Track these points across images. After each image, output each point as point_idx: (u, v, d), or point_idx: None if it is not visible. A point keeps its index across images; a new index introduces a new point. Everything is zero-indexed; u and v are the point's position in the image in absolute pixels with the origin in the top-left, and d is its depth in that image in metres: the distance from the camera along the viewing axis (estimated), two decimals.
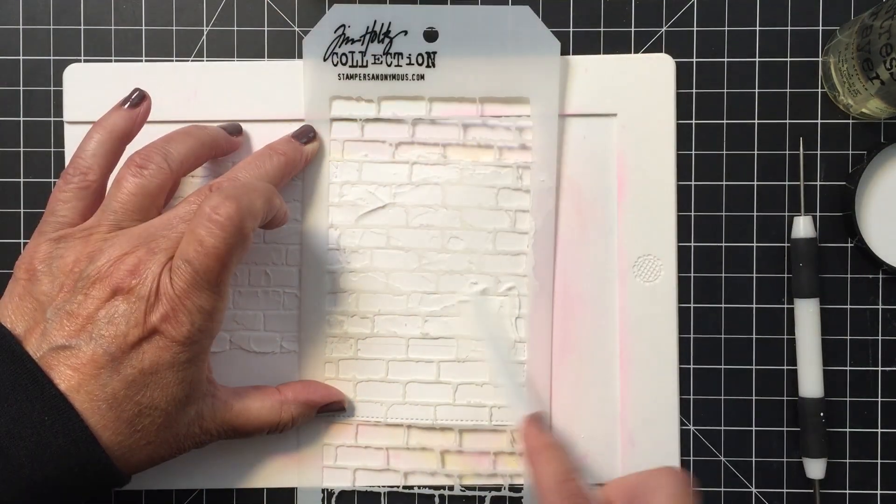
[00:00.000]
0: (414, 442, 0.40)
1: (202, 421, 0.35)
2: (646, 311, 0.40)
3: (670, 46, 0.41)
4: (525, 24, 0.40)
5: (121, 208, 0.34)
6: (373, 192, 0.40)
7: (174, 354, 0.32)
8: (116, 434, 0.32)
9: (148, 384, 0.32)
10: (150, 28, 0.41)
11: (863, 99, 0.39)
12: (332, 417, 0.40)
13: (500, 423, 0.40)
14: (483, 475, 0.40)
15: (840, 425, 0.41)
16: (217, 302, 0.32)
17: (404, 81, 0.40)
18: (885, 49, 0.36)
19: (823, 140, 0.41)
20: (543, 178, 0.40)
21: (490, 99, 0.40)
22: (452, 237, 0.40)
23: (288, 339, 0.40)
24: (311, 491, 0.40)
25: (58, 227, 0.35)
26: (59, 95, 0.41)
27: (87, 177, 0.35)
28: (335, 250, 0.40)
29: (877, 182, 0.40)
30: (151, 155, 0.35)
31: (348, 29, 0.40)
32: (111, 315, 0.32)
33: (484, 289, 0.40)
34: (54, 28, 0.41)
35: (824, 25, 0.41)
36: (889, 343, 0.41)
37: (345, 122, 0.40)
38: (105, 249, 0.33)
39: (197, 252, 0.31)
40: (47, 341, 0.32)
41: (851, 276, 0.41)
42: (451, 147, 0.40)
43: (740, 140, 0.41)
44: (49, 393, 0.31)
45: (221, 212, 0.31)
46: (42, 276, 0.33)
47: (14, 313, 0.33)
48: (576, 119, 0.41)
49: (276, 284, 0.40)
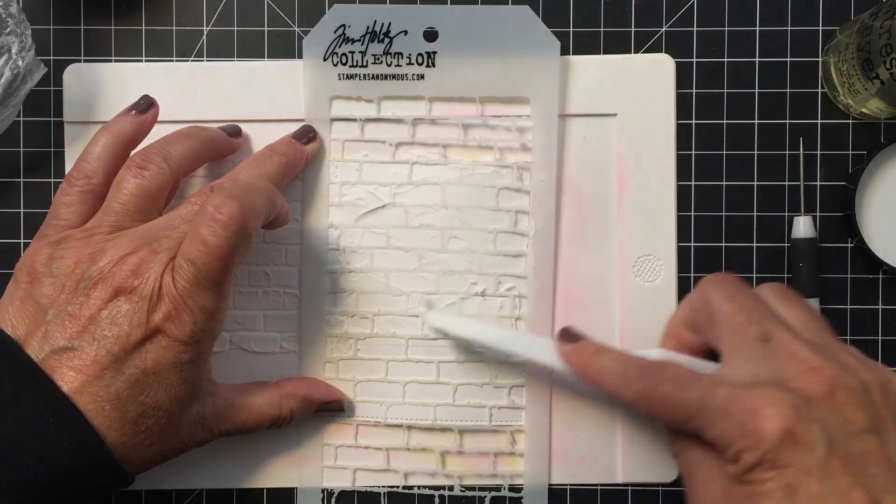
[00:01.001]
0: (414, 442, 0.40)
1: (204, 420, 0.35)
2: (646, 311, 0.40)
3: (670, 46, 0.41)
4: (525, 24, 0.40)
5: (121, 209, 0.34)
6: (373, 192, 0.40)
7: (177, 354, 0.32)
8: (121, 435, 0.31)
9: (151, 384, 0.32)
10: (150, 28, 0.41)
11: (863, 99, 0.39)
12: (332, 417, 0.40)
13: (500, 424, 0.40)
14: (483, 475, 0.40)
15: None
16: (219, 301, 0.32)
17: (404, 81, 0.40)
18: (885, 49, 0.36)
19: (823, 140, 0.41)
20: (543, 179, 0.40)
21: (490, 99, 0.40)
22: (452, 237, 0.40)
23: (288, 339, 0.40)
24: (311, 491, 0.40)
25: (59, 229, 0.35)
26: (59, 95, 0.41)
27: (91, 180, 0.35)
28: (335, 250, 0.40)
29: (877, 182, 0.40)
30: (151, 156, 0.35)
31: (348, 29, 0.40)
32: (114, 315, 0.31)
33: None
34: (54, 28, 0.41)
35: (824, 25, 0.41)
36: (889, 343, 0.41)
37: (345, 122, 0.40)
38: (106, 250, 0.33)
39: (200, 251, 0.31)
40: (49, 343, 0.32)
41: (851, 276, 0.41)
42: (452, 147, 0.40)
43: (740, 140, 0.41)
44: (52, 395, 0.30)
45: (224, 211, 0.31)
46: (43, 278, 0.33)
47: (15, 316, 0.33)
48: (576, 119, 0.40)
49: (276, 284, 0.40)
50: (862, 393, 0.30)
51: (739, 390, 0.30)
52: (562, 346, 0.37)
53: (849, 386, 0.30)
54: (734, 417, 0.30)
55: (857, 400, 0.30)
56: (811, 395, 0.30)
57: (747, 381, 0.31)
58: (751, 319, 0.32)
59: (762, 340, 0.32)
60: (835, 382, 0.30)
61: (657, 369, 0.33)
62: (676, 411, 0.32)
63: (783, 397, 0.30)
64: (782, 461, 0.29)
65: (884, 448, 0.29)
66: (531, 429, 0.40)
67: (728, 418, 0.30)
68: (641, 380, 0.33)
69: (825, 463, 0.29)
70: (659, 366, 0.33)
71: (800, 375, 0.30)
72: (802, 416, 0.29)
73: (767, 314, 0.33)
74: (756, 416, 0.29)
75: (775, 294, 0.34)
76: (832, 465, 0.29)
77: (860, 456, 0.29)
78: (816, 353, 0.31)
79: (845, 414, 0.30)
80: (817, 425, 0.29)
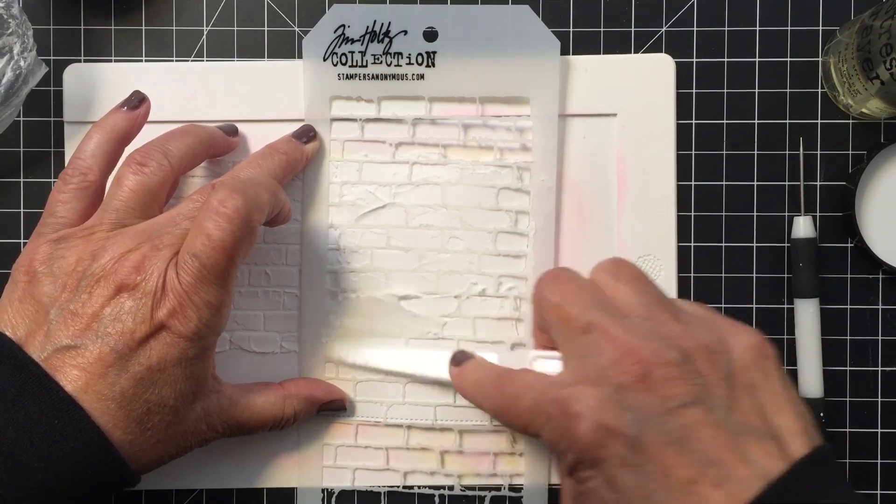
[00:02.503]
0: (414, 442, 0.40)
1: (209, 417, 0.34)
2: None
3: (670, 46, 0.41)
4: (525, 24, 0.40)
5: (122, 206, 0.34)
6: (373, 192, 0.40)
7: (182, 350, 0.32)
8: (127, 433, 0.31)
9: (156, 381, 0.32)
10: (150, 28, 0.41)
11: (863, 99, 0.39)
12: (333, 417, 0.40)
13: (500, 424, 0.40)
14: (483, 475, 0.40)
15: (840, 425, 0.41)
16: (224, 296, 0.32)
17: (404, 81, 0.40)
18: (885, 49, 0.36)
19: (823, 140, 0.41)
20: (544, 179, 0.40)
21: (490, 99, 0.40)
22: (452, 237, 0.40)
23: (288, 339, 0.40)
24: (311, 491, 0.40)
25: (57, 227, 0.34)
26: (59, 95, 0.41)
27: (86, 177, 0.35)
28: (335, 250, 0.40)
29: (877, 182, 0.40)
30: (151, 152, 0.35)
31: (348, 29, 0.40)
32: (117, 312, 0.31)
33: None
34: (54, 28, 0.41)
35: (824, 25, 0.41)
36: (889, 343, 0.41)
37: (345, 122, 0.40)
38: (108, 247, 0.32)
39: (204, 246, 0.31)
40: (52, 342, 0.31)
41: (851, 276, 0.41)
42: (452, 147, 0.40)
43: (740, 140, 0.41)
44: (57, 396, 0.30)
45: (229, 205, 0.31)
46: (43, 277, 0.33)
47: (14, 317, 0.32)
48: (576, 119, 0.41)
49: (276, 284, 0.40)
50: (682, 364, 0.29)
51: (559, 390, 0.30)
52: (450, 370, 0.37)
53: (667, 361, 0.29)
54: (554, 420, 0.30)
55: (677, 373, 0.29)
56: (624, 382, 0.29)
57: (572, 378, 0.31)
58: (574, 311, 0.32)
59: (585, 332, 0.31)
60: (650, 362, 0.29)
61: (508, 378, 0.33)
62: (516, 418, 0.32)
63: (593, 392, 0.29)
64: (599, 456, 0.29)
65: (709, 417, 0.28)
66: None
67: (550, 421, 0.30)
68: (493, 390, 0.34)
69: (639, 449, 0.28)
70: (510, 375, 0.34)
71: (616, 363, 0.30)
72: (611, 407, 0.29)
73: (591, 303, 0.32)
74: (567, 416, 0.29)
75: (608, 272, 0.34)
76: (647, 449, 0.28)
77: (682, 432, 0.28)
78: (632, 334, 0.30)
79: (663, 392, 0.29)
80: (629, 413, 0.28)
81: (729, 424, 0.28)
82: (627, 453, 0.28)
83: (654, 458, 0.28)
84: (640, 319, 0.31)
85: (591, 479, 0.29)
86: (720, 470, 0.27)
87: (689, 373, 0.29)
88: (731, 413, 0.29)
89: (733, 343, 0.31)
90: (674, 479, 0.27)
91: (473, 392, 0.36)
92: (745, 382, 0.30)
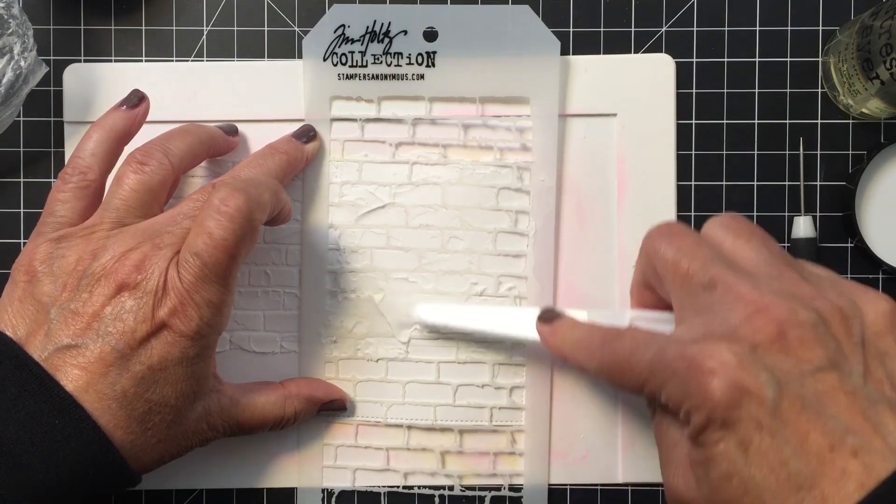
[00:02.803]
0: (414, 442, 0.40)
1: (210, 417, 0.34)
2: None
3: (670, 46, 0.41)
4: (525, 24, 0.40)
5: (123, 205, 0.34)
6: (373, 192, 0.40)
7: (183, 349, 0.32)
8: (128, 433, 0.31)
9: (157, 380, 0.32)
10: (150, 28, 0.41)
11: (863, 99, 0.39)
12: (333, 417, 0.40)
13: (500, 424, 0.40)
14: (483, 475, 0.40)
15: None
16: (225, 295, 0.32)
17: (404, 81, 0.40)
18: (885, 49, 0.36)
19: (823, 140, 0.41)
20: (543, 179, 0.40)
21: (490, 99, 0.40)
22: (452, 237, 0.40)
23: (288, 339, 0.40)
24: (311, 491, 0.40)
25: (57, 227, 0.34)
26: (59, 95, 0.41)
27: (86, 176, 0.35)
28: (335, 250, 0.40)
29: (877, 182, 0.40)
30: (152, 151, 0.35)
31: (348, 29, 0.40)
32: (118, 311, 0.31)
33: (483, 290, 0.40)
34: (54, 28, 0.41)
35: (824, 25, 0.41)
36: None
37: (345, 122, 0.40)
38: (109, 246, 0.32)
39: (206, 244, 0.31)
40: (52, 342, 0.31)
41: (851, 276, 0.41)
42: (452, 147, 0.40)
43: (740, 140, 0.41)
44: (57, 395, 0.30)
45: (230, 203, 0.31)
46: (43, 276, 0.33)
47: (14, 317, 0.32)
48: (576, 119, 0.41)
49: (276, 284, 0.40)
50: (817, 326, 0.28)
51: (685, 347, 0.28)
52: (540, 328, 0.36)
53: (802, 322, 0.28)
54: (679, 377, 0.28)
55: (812, 336, 0.27)
56: (759, 341, 0.27)
57: (697, 335, 0.29)
58: (694, 266, 0.30)
59: (708, 288, 0.29)
60: (785, 321, 0.28)
61: (615, 336, 0.32)
62: (631, 377, 0.30)
63: (727, 348, 0.27)
64: (731, 418, 0.27)
65: (844, 384, 0.27)
66: (531, 429, 0.40)
67: (675, 378, 0.28)
68: (600, 349, 0.32)
69: (776, 412, 0.26)
70: (618, 333, 0.32)
71: (747, 320, 0.28)
72: (748, 366, 0.27)
73: (712, 257, 0.30)
74: (699, 374, 0.27)
75: (725, 228, 0.32)
76: (784, 413, 0.26)
77: (817, 397, 0.27)
78: (764, 291, 0.28)
79: (799, 354, 0.27)
80: (765, 373, 0.27)
81: (863, 392, 0.27)
82: (764, 416, 0.26)
83: (792, 422, 0.26)
84: (767, 277, 0.29)
85: (722, 441, 0.27)
86: (857, 438, 0.26)
87: (824, 336, 0.28)
88: (866, 381, 0.27)
89: (866, 308, 0.29)
90: (812, 445, 0.26)
91: (574, 351, 0.34)
92: (879, 350, 0.28)
